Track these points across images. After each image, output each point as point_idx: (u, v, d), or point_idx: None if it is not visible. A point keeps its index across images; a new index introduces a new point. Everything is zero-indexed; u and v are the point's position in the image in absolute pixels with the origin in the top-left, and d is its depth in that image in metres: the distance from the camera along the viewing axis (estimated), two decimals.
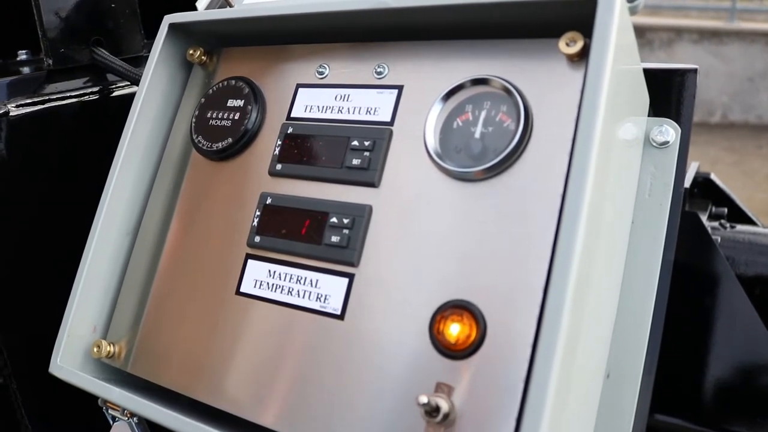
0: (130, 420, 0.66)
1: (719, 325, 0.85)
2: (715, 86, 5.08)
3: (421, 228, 0.54)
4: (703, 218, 0.96)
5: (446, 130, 0.56)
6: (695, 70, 0.65)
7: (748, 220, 1.11)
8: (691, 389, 0.86)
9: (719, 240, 0.93)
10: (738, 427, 0.85)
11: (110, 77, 0.88)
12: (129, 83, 0.87)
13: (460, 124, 0.55)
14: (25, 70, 0.90)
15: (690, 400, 0.86)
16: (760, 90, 5.07)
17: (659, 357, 0.59)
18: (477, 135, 0.54)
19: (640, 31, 5.13)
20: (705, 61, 5.04)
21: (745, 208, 1.13)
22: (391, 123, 0.58)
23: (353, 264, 0.56)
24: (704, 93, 5.02)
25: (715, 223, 1.01)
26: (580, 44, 0.50)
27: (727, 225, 1.01)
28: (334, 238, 0.57)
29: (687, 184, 1.02)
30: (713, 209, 1.08)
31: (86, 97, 0.83)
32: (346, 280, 0.56)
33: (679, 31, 5.23)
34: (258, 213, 0.62)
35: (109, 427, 0.68)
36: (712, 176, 1.14)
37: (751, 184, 3.90)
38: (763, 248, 0.94)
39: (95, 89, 0.85)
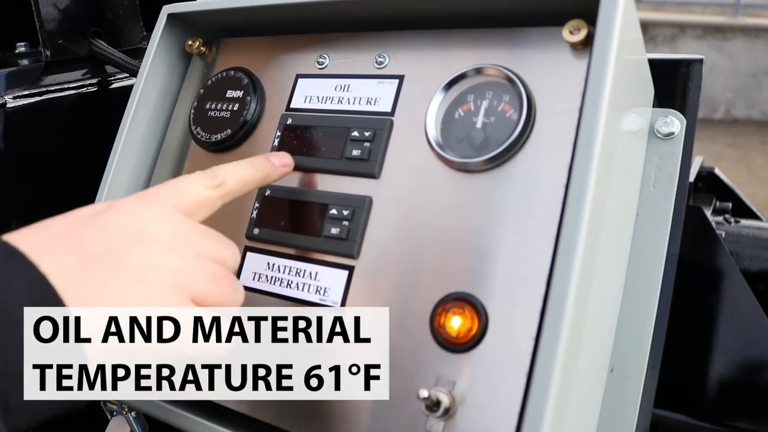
0: (128, 414, 0.65)
1: (723, 320, 0.84)
2: (718, 82, 5.06)
3: (422, 219, 0.53)
4: (708, 213, 0.95)
5: (447, 121, 0.55)
6: (701, 61, 0.64)
7: (753, 215, 1.10)
8: (695, 384, 0.85)
9: (723, 235, 0.92)
10: (741, 422, 0.85)
11: (109, 69, 0.87)
12: (128, 75, 0.86)
13: (462, 114, 0.54)
14: (24, 62, 0.89)
15: (693, 395, 0.85)
16: (764, 86, 5.05)
17: (663, 352, 0.59)
18: (479, 125, 0.53)
19: (644, 27, 5.07)
20: (709, 56, 5.00)
21: (750, 202, 1.12)
22: (392, 113, 0.57)
23: (353, 256, 0.55)
24: (708, 89, 5.01)
25: (720, 218, 1.00)
26: (584, 32, 0.49)
27: (732, 220, 1.00)
28: (334, 230, 0.56)
29: (691, 178, 1.01)
30: (717, 204, 1.07)
31: (85, 89, 0.83)
32: (345, 273, 0.55)
33: (682, 27, 5.20)
34: (257, 205, 0.61)
35: (107, 421, 0.67)
36: (716, 171, 1.13)
37: (755, 180, 3.89)
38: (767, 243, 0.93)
39: (94, 81, 0.84)
